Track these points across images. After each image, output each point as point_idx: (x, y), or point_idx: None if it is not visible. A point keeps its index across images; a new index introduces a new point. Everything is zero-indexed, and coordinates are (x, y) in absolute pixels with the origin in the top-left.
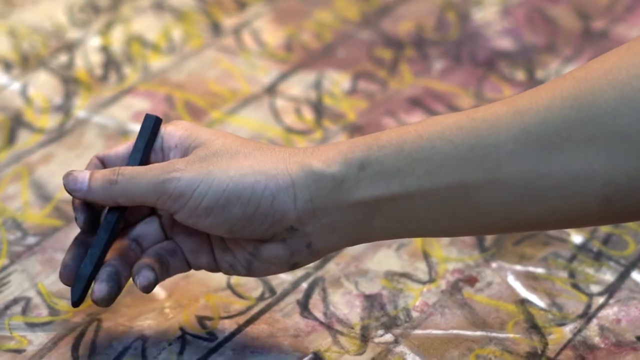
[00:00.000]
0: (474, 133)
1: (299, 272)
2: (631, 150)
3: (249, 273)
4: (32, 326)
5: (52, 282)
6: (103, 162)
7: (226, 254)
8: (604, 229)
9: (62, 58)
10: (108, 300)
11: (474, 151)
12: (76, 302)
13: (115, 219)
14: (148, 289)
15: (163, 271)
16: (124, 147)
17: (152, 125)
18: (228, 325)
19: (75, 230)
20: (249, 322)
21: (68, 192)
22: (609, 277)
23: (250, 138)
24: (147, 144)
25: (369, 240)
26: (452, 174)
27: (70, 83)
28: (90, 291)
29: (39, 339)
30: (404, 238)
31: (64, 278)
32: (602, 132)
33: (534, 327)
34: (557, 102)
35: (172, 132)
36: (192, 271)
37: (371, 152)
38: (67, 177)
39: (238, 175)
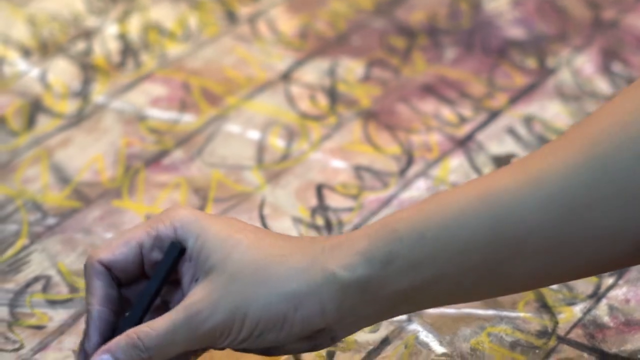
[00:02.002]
0: (491, 214)
1: None
2: None
3: (267, 355)
4: (52, 303)
5: (72, 261)
6: (109, 268)
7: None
8: None
9: (80, 45)
10: None
11: (494, 232)
12: None
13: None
14: None
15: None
16: (128, 249)
17: (176, 254)
18: None
19: (94, 212)
20: None
21: None
22: None
23: (266, 124)
24: (168, 272)
25: (391, 318)
26: (475, 257)
27: (88, 69)
28: None
29: (59, 315)
30: (429, 309)
31: None
32: (624, 189)
33: (544, 306)
34: (579, 165)
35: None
36: None
37: (392, 246)
38: None
39: (268, 305)
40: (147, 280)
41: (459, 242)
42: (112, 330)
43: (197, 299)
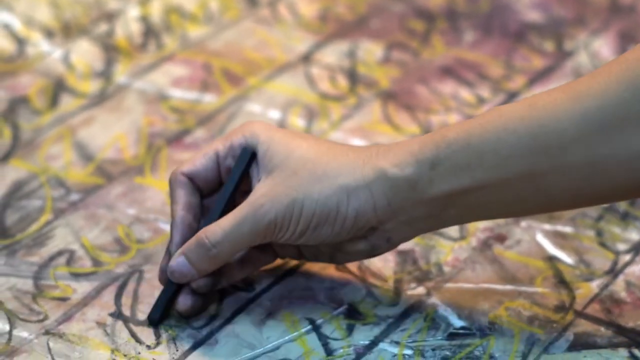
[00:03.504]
0: (536, 122)
1: None
2: None
3: (332, 262)
4: (76, 276)
5: (95, 236)
6: (192, 179)
7: (311, 247)
8: None
9: (103, 27)
10: (192, 313)
11: (537, 140)
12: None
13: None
14: (185, 314)
15: (249, 267)
16: (206, 159)
17: (248, 159)
18: (266, 278)
19: (116, 189)
20: (285, 274)
21: (180, 283)
22: (635, 236)
23: (286, 104)
24: (240, 176)
25: (445, 227)
26: (519, 163)
27: (110, 50)
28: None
29: (82, 287)
30: (477, 222)
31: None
32: None
33: (562, 282)
34: (613, 86)
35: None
36: None
37: (440, 150)
38: (172, 274)
39: (322, 198)
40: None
41: (506, 146)
42: (192, 234)
43: (259, 194)
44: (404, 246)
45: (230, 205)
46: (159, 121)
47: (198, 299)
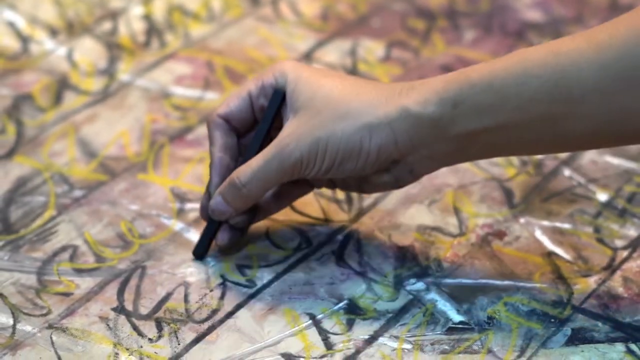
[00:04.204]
0: (559, 69)
1: (334, 226)
2: None
3: (361, 192)
4: (79, 272)
5: (98, 231)
6: (228, 120)
7: (342, 179)
8: (628, 188)
9: (106, 25)
10: (230, 246)
11: (558, 86)
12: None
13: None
14: (224, 248)
15: (284, 201)
16: (240, 100)
17: (279, 101)
18: (267, 274)
19: (119, 185)
20: (286, 270)
21: (220, 220)
22: (633, 232)
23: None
24: (273, 116)
25: (465, 161)
26: (540, 107)
27: (114, 48)
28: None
29: (86, 283)
30: (496, 157)
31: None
32: None
33: (560, 277)
34: (633, 39)
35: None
36: None
37: (463, 90)
38: (212, 213)
39: (346, 136)
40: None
41: (528, 90)
42: (230, 174)
43: (285, 134)
44: (403, 242)
45: (265, 145)
46: (161, 118)
47: (235, 233)
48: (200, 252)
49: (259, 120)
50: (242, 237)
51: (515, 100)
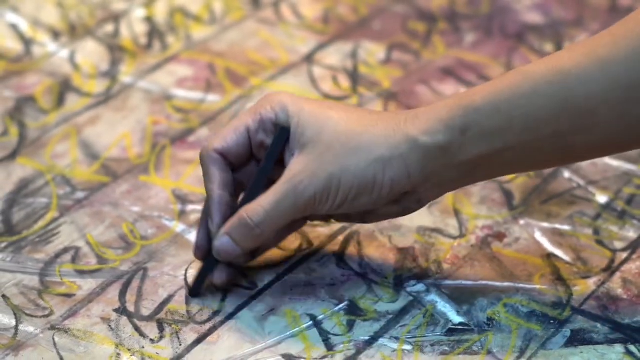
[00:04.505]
0: (565, 87)
1: (335, 227)
2: None
3: (363, 222)
4: (81, 273)
5: (100, 233)
6: (223, 155)
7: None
8: (628, 190)
9: (108, 28)
10: (228, 285)
11: (567, 103)
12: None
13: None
14: (222, 287)
15: (283, 235)
16: (237, 135)
17: (286, 138)
18: (268, 275)
19: (121, 187)
20: (287, 271)
21: (225, 261)
22: (632, 234)
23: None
24: (278, 153)
25: (471, 184)
26: (549, 126)
27: (116, 51)
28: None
29: (88, 285)
30: (503, 176)
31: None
32: None
33: (559, 279)
34: (634, 49)
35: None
36: None
37: (469, 116)
38: (219, 254)
39: (360, 170)
40: (256, 162)
41: (531, 114)
42: (231, 211)
43: (297, 171)
44: (404, 244)
45: (267, 179)
46: (163, 120)
47: (233, 272)
48: (197, 292)
49: (256, 155)
50: (238, 276)
51: (523, 121)
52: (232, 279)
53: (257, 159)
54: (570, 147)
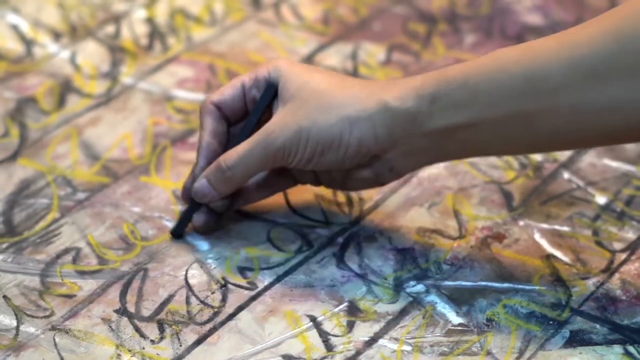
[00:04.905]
0: (528, 65)
1: (335, 228)
2: None
3: (344, 188)
4: (82, 274)
5: (101, 233)
6: (219, 107)
7: (325, 174)
8: (627, 191)
9: (109, 29)
10: (205, 229)
11: (528, 82)
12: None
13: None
14: (200, 230)
15: (267, 190)
16: (233, 89)
17: (272, 93)
18: (268, 276)
19: (122, 188)
20: (287, 272)
21: (203, 202)
22: (631, 235)
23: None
24: (263, 109)
25: (444, 160)
26: (511, 103)
27: (116, 52)
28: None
29: (88, 285)
30: (474, 157)
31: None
32: (637, 64)
33: (558, 280)
34: (600, 37)
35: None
36: (233, 225)
37: (440, 87)
38: (195, 195)
39: (327, 126)
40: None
41: (498, 86)
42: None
43: (272, 122)
44: (403, 245)
45: (252, 132)
46: (164, 121)
47: (212, 217)
48: (178, 232)
49: (250, 110)
50: (219, 221)
51: (487, 97)
52: (210, 223)
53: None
54: (535, 132)
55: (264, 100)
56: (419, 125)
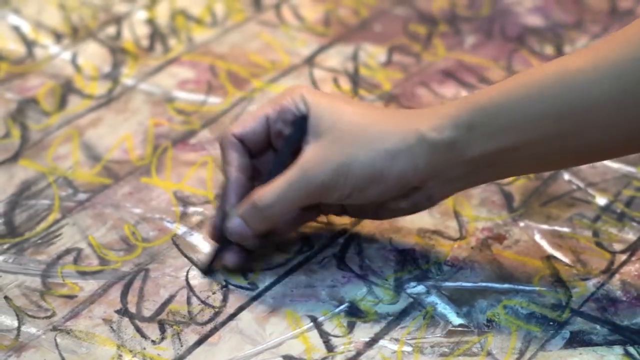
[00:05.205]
0: (566, 88)
1: (336, 229)
2: None
3: (376, 218)
4: (83, 274)
5: (102, 234)
6: (241, 140)
7: (356, 205)
8: (627, 193)
9: (110, 30)
10: (238, 267)
11: (565, 104)
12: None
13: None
14: (232, 268)
15: (296, 224)
16: (257, 122)
17: (305, 127)
18: (268, 276)
19: (123, 189)
20: (287, 273)
21: (237, 242)
22: (631, 236)
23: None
24: (297, 142)
25: (480, 184)
26: (548, 125)
27: (117, 53)
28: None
29: (89, 286)
30: (509, 177)
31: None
32: None
33: (558, 281)
34: (635, 54)
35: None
36: None
37: (476, 114)
38: (230, 235)
39: (369, 161)
40: (273, 151)
41: (534, 113)
42: (246, 194)
43: (308, 158)
44: (404, 245)
45: (285, 167)
46: (165, 122)
47: (244, 256)
48: (210, 269)
49: (274, 144)
50: (250, 258)
51: (524, 122)
52: (243, 261)
53: (275, 148)
54: (572, 149)
55: (295, 134)
56: (457, 153)
